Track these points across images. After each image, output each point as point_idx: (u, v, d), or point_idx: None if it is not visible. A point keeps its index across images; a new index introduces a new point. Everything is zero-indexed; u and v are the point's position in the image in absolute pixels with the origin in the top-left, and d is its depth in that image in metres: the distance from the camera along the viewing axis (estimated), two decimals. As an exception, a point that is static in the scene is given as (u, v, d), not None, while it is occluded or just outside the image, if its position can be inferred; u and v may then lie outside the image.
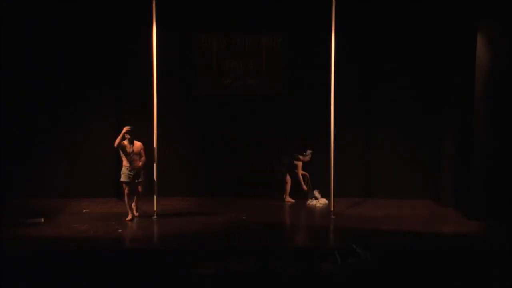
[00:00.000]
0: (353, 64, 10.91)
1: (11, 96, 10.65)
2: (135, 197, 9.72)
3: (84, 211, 10.21)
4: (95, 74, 10.98)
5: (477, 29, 9.62)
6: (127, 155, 9.49)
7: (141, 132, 10.29)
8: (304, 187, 10.96)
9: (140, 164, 9.55)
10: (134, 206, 9.80)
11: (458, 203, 10.45)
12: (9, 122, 10.65)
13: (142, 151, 9.59)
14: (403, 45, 10.92)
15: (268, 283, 6.73)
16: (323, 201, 10.82)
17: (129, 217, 9.66)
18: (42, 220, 9.33)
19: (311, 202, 10.86)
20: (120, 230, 9.14)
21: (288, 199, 10.98)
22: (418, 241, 8.64)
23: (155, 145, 9.59)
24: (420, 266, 7.37)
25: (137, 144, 9.55)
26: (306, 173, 11.03)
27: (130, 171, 9.51)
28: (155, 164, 9.62)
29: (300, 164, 10.96)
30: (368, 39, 10.99)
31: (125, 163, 9.52)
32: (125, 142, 9.44)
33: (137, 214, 9.82)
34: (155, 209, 9.74)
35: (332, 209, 9.91)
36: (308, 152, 10.94)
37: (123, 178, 9.55)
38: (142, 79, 10.41)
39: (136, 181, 9.59)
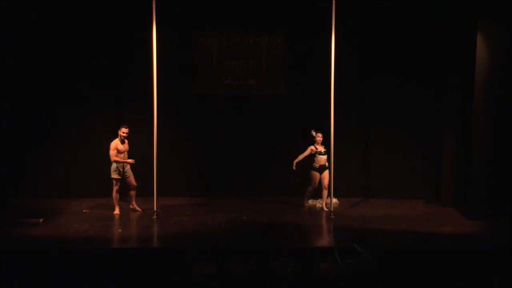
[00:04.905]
0: (353, 64, 10.91)
1: (11, 96, 10.65)
2: (132, 192, 10.03)
3: (84, 211, 10.21)
4: (95, 74, 10.96)
5: (477, 29, 9.62)
6: (120, 153, 9.81)
7: (141, 132, 10.35)
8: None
9: (129, 160, 9.91)
10: (134, 203, 10.10)
11: (458, 203, 10.45)
12: (9, 122, 10.64)
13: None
14: (403, 45, 10.90)
15: (268, 283, 6.73)
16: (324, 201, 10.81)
17: (116, 211, 9.97)
18: (41, 220, 9.33)
19: (311, 202, 10.85)
20: (120, 230, 9.15)
21: (308, 202, 10.70)
22: (418, 241, 8.65)
23: (155, 145, 9.59)
24: (420, 266, 7.37)
25: (126, 141, 9.95)
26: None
27: (121, 168, 9.84)
28: (155, 164, 9.62)
29: (309, 150, 10.33)
30: (368, 39, 10.99)
31: (121, 160, 9.83)
32: (119, 142, 9.82)
33: (140, 210, 10.07)
34: (155, 208, 9.75)
35: (332, 209, 9.91)
36: (312, 132, 10.30)
37: (115, 175, 9.85)
38: (142, 79, 10.41)
39: (126, 176, 9.90)
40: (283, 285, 6.71)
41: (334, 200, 10.31)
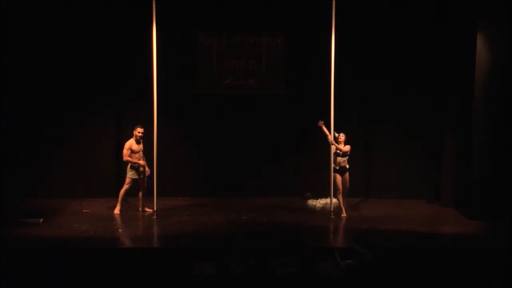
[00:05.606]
0: (353, 64, 10.91)
1: (11, 96, 10.65)
2: (140, 194, 10.00)
3: (84, 211, 10.20)
4: (95, 74, 10.96)
5: (477, 29, 9.62)
6: (135, 153, 9.78)
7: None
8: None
9: (141, 161, 9.84)
10: (140, 203, 10.07)
11: (458, 203, 10.45)
12: (9, 122, 10.64)
13: None
14: (403, 45, 10.91)
15: (268, 283, 6.73)
16: (324, 201, 10.81)
17: (117, 210, 9.95)
18: (41, 220, 9.32)
19: (312, 202, 10.85)
20: (120, 230, 9.15)
21: (344, 212, 9.96)
22: (418, 241, 8.64)
23: (155, 145, 9.58)
24: (420, 266, 7.37)
25: (141, 141, 9.90)
26: None
27: (137, 168, 9.80)
28: (155, 164, 9.62)
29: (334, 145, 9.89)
30: (368, 39, 10.99)
31: (133, 161, 9.78)
32: (134, 142, 9.79)
33: (151, 210, 9.90)
34: (155, 208, 9.74)
35: (332, 209, 9.91)
36: (334, 133, 9.82)
37: (132, 175, 9.83)
38: (142, 79, 10.41)
39: (141, 176, 9.87)
40: (283, 285, 6.71)
41: (334, 200, 10.29)
